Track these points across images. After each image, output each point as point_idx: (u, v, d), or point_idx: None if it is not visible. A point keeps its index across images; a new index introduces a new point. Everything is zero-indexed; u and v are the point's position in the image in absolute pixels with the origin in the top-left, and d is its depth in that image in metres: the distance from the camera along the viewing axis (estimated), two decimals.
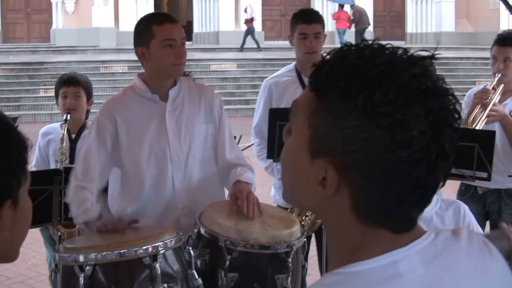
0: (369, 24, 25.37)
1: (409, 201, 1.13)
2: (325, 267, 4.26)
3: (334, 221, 1.18)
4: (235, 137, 4.02)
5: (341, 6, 25.13)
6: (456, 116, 1.13)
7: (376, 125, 1.07)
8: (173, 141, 3.39)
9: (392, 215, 1.14)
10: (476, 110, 4.37)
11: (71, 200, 3.31)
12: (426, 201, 1.16)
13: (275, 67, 22.12)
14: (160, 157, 3.38)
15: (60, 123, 4.57)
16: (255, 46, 24.97)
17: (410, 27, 30.15)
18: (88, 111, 4.64)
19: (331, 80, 1.12)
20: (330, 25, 24.12)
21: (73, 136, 4.47)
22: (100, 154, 3.34)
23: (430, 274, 1.13)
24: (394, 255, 1.12)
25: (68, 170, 3.79)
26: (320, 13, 4.73)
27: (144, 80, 3.43)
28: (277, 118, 3.90)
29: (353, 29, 25.01)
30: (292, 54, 4.47)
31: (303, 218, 4.27)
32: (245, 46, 25.21)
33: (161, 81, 3.42)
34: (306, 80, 4.37)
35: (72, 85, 4.48)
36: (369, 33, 28.28)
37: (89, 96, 4.59)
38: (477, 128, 4.21)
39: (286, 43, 25.41)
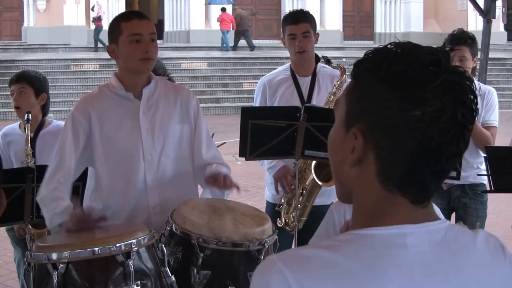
0: (249, 27, 26.35)
1: (424, 164, 1.24)
2: None
3: (362, 190, 1.31)
4: None
5: (223, 9, 25.88)
6: (471, 97, 1.24)
7: (394, 88, 1.23)
8: (146, 139, 3.39)
9: (409, 179, 1.26)
10: None
11: (44, 200, 3.27)
12: (440, 169, 1.26)
13: (246, 65, 22.19)
14: (133, 155, 3.37)
15: (18, 123, 4.52)
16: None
17: (379, 27, 30.37)
18: (44, 107, 4.51)
19: (362, 64, 1.31)
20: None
21: (32, 135, 4.35)
22: (74, 147, 3.32)
23: (434, 254, 1.25)
24: (404, 228, 1.26)
25: (40, 168, 3.78)
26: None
27: (119, 78, 3.44)
28: (249, 116, 3.93)
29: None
30: (263, 53, 4.52)
31: (289, 215, 4.32)
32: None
33: (133, 78, 3.42)
34: (299, 78, 4.47)
35: (17, 82, 4.42)
36: (338, 33, 28.43)
37: (38, 91, 4.44)
38: None
39: (257, 42, 25.56)
